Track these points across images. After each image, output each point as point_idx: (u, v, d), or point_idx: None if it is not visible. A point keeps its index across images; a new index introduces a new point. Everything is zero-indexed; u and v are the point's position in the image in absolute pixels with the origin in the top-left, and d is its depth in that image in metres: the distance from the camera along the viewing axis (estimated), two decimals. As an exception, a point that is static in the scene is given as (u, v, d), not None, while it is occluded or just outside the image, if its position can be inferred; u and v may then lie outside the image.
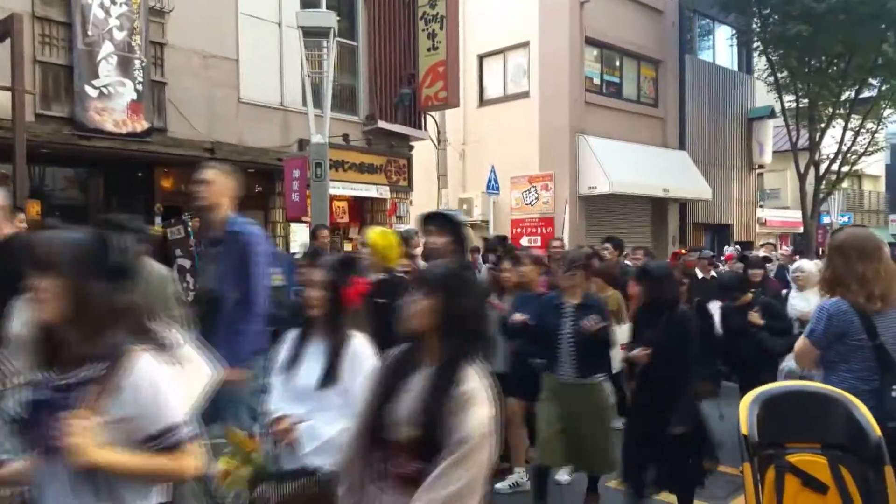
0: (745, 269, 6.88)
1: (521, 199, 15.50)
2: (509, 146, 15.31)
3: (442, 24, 12.40)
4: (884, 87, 18.31)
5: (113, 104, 8.91)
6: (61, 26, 8.64)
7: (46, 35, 8.55)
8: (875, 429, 2.58)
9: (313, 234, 7.72)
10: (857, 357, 3.03)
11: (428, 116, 13.53)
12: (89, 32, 8.70)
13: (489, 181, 14.38)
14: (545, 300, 4.73)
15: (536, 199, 15.23)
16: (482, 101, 16.52)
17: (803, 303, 6.04)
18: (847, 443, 2.62)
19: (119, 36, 8.96)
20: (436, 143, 14.58)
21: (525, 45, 15.48)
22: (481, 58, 16.46)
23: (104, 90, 8.83)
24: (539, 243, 14.31)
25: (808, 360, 3.29)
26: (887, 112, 19.73)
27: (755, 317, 5.50)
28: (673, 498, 4.61)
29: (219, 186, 3.79)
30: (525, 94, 15.55)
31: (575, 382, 4.37)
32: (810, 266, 6.44)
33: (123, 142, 9.03)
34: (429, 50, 12.54)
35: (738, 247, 13.45)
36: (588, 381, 4.38)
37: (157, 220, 9.92)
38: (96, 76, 8.77)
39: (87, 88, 8.69)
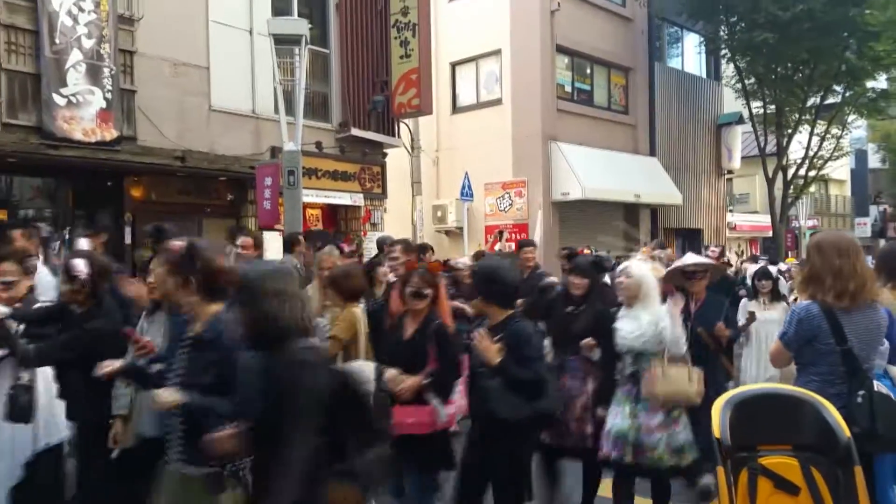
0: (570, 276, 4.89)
1: (495, 205, 15.55)
2: (483, 153, 15.38)
3: (414, 32, 12.42)
4: (847, 94, 18.73)
5: (81, 113, 8.77)
6: (28, 34, 8.49)
7: (13, 43, 8.39)
8: (844, 430, 2.63)
9: (289, 244, 7.63)
10: (825, 361, 3.11)
11: (401, 123, 13.53)
12: (57, 40, 8.57)
13: (463, 188, 14.40)
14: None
15: (510, 205, 15.30)
16: (455, 109, 16.57)
17: (632, 324, 4.07)
18: (817, 444, 2.67)
19: (88, 44, 8.84)
20: (409, 151, 14.58)
21: (497, 52, 15.58)
22: (454, 65, 16.52)
23: (72, 98, 8.70)
24: (513, 249, 14.35)
25: (782, 361, 3.39)
26: (851, 118, 20.19)
27: (489, 348, 3.36)
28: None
29: None
30: (498, 102, 15.63)
31: (181, 474, 2.69)
32: (640, 269, 4.25)
33: (92, 151, 8.89)
34: (401, 57, 12.55)
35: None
36: (198, 473, 2.60)
37: (127, 230, 9.79)
38: (64, 84, 8.63)
39: (55, 97, 8.55)
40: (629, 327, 4.06)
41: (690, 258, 5.30)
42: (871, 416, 2.95)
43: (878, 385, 3.04)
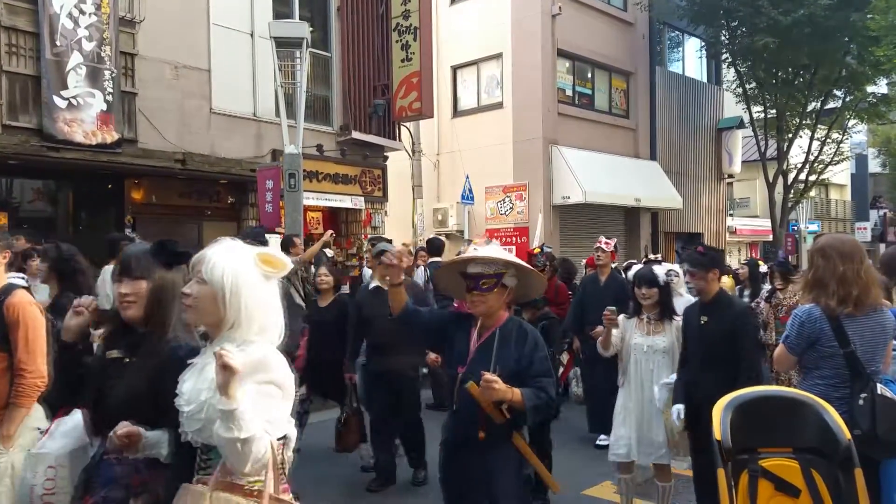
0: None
1: (495, 208, 15.56)
2: (483, 156, 15.39)
3: (416, 36, 12.44)
4: (848, 99, 18.74)
5: (82, 115, 8.78)
6: (29, 36, 8.50)
7: (13, 45, 8.41)
8: (845, 432, 2.62)
9: (285, 246, 7.64)
10: (828, 364, 3.10)
11: (402, 127, 13.54)
12: (57, 42, 8.58)
13: (464, 191, 14.43)
14: None
15: (511, 208, 15.30)
16: (456, 112, 16.58)
17: (198, 382, 2.05)
18: (818, 446, 2.66)
19: (88, 46, 8.85)
20: (410, 154, 14.59)
21: (498, 56, 15.59)
22: (455, 69, 16.53)
23: (73, 101, 8.71)
24: (514, 253, 14.34)
25: (786, 365, 3.39)
26: (852, 122, 20.20)
27: None
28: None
29: None
30: (499, 105, 15.64)
31: None
32: (228, 264, 2.06)
33: (93, 153, 8.90)
34: (403, 61, 12.56)
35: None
36: None
37: (128, 231, 9.79)
38: (65, 87, 8.64)
39: (56, 99, 8.56)
40: (191, 390, 2.03)
41: (489, 250, 3.07)
42: (872, 419, 2.94)
43: (881, 388, 3.03)
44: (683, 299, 5.96)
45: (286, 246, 7.64)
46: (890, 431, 2.93)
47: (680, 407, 3.92)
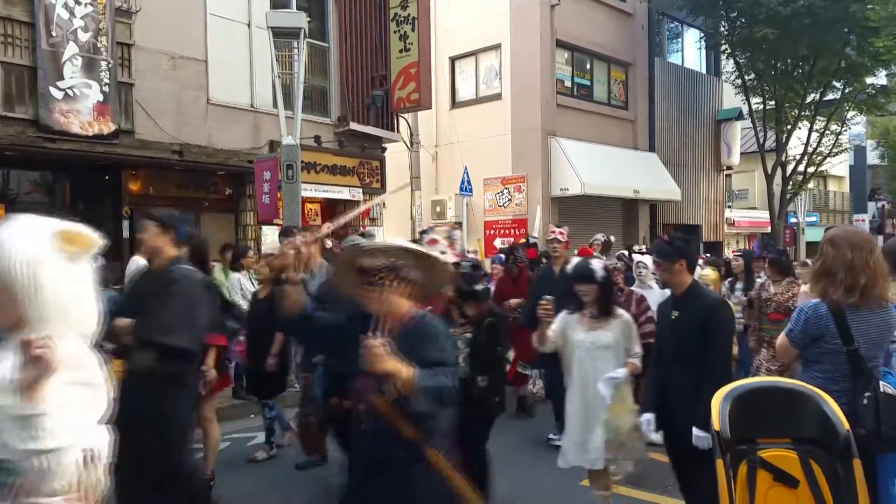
0: None
1: (494, 200, 15.54)
2: (482, 148, 15.37)
3: (414, 26, 12.39)
4: (847, 90, 18.72)
5: (79, 106, 8.74)
6: (24, 26, 8.45)
7: (9, 35, 8.36)
8: (843, 423, 2.61)
9: (284, 237, 7.62)
10: (830, 360, 3.09)
11: (400, 118, 13.50)
12: (53, 33, 8.53)
13: (462, 183, 14.40)
14: None
15: (509, 200, 15.28)
16: (454, 103, 16.54)
17: None
18: (816, 437, 2.66)
19: (84, 37, 8.80)
20: (408, 145, 14.55)
21: (496, 47, 15.54)
22: (453, 60, 16.48)
23: (69, 92, 8.67)
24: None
25: (788, 357, 3.40)
26: (850, 114, 20.18)
27: None
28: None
29: None
30: (497, 97, 15.61)
31: None
32: (19, 245, 1.87)
33: (90, 144, 8.86)
34: (401, 51, 12.51)
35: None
36: None
37: (125, 223, 9.77)
38: (61, 77, 8.60)
39: (52, 90, 8.52)
40: None
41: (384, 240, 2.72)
42: (876, 418, 2.93)
43: (883, 385, 3.02)
44: (654, 291, 5.80)
45: (285, 238, 7.61)
46: (893, 428, 2.93)
47: (650, 416, 3.72)
